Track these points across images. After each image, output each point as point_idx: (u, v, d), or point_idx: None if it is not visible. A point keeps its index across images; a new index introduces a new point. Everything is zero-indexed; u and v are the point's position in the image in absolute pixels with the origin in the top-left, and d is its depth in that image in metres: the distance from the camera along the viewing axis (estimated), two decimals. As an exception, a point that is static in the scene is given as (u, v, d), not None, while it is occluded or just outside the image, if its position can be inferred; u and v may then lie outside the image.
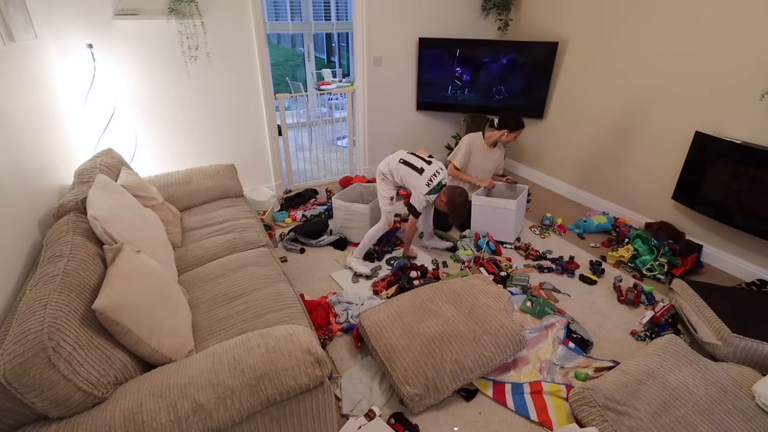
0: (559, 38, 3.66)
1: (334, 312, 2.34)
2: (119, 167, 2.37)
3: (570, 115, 3.75)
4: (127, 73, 2.95)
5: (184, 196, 2.69)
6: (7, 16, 1.96)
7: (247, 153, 3.63)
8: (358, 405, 1.81)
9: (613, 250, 2.96)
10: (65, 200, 1.85)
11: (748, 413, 1.58)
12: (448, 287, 2.25)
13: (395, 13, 3.74)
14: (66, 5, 2.64)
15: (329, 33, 12.88)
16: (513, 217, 2.95)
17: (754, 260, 2.68)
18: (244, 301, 1.81)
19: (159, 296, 1.49)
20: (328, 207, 3.56)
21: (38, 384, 1.07)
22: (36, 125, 2.08)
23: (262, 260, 2.11)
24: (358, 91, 3.95)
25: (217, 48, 3.15)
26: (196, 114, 3.29)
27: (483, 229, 3.09)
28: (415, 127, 4.37)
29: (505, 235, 3.06)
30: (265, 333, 1.42)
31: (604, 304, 2.49)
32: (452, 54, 3.93)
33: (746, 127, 2.56)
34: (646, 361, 1.78)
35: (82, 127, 2.86)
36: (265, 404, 1.28)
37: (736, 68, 2.56)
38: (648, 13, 2.97)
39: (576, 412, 1.72)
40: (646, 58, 3.04)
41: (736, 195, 2.56)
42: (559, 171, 4.00)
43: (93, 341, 1.25)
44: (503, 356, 1.90)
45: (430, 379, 1.76)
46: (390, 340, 1.91)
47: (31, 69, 2.21)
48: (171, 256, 1.99)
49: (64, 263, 1.40)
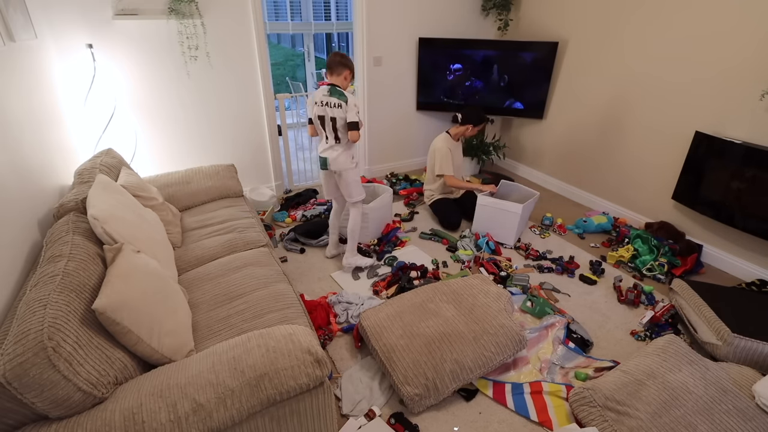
0: (559, 38, 3.66)
1: (334, 312, 2.34)
2: (119, 167, 2.37)
3: (570, 115, 3.75)
4: (127, 73, 2.95)
5: (184, 196, 2.68)
6: (7, 16, 1.97)
7: (247, 153, 3.63)
8: (358, 405, 1.81)
9: (613, 250, 2.96)
10: (65, 200, 1.85)
11: (748, 413, 1.58)
12: (448, 287, 2.25)
13: (395, 13, 3.74)
14: (66, 5, 2.64)
15: (329, 33, 12.89)
16: (518, 220, 2.95)
17: (754, 260, 2.68)
18: (244, 301, 1.81)
19: (159, 296, 1.49)
20: (328, 207, 3.56)
21: (38, 384, 1.07)
22: (36, 125, 2.08)
23: (262, 260, 2.11)
24: (358, 91, 3.95)
25: (217, 48, 3.15)
26: (196, 114, 3.29)
27: (485, 230, 3.10)
28: (415, 127, 4.37)
29: (507, 238, 3.06)
30: (265, 333, 1.42)
31: (604, 304, 2.49)
32: (452, 54, 3.93)
33: (746, 127, 2.56)
34: (646, 361, 1.78)
35: (82, 127, 2.86)
36: (265, 404, 1.28)
37: (735, 68, 2.56)
38: (648, 14, 2.97)
39: (576, 412, 1.72)
40: (646, 58, 3.04)
41: (736, 195, 2.56)
42: (559, 171, 4.00)
43: (93, 341, 1.25)
44: (503, 356, 1.90)
45: (430, 379, 1.76)
46: (390, 340, 1.91)
47: (31, 69, 2.21)
48: (171, 256, 1.99)
49: (64, 263, 1.40)
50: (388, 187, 3.23)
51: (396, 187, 3.98)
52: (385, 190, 3.22)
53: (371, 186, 3.32)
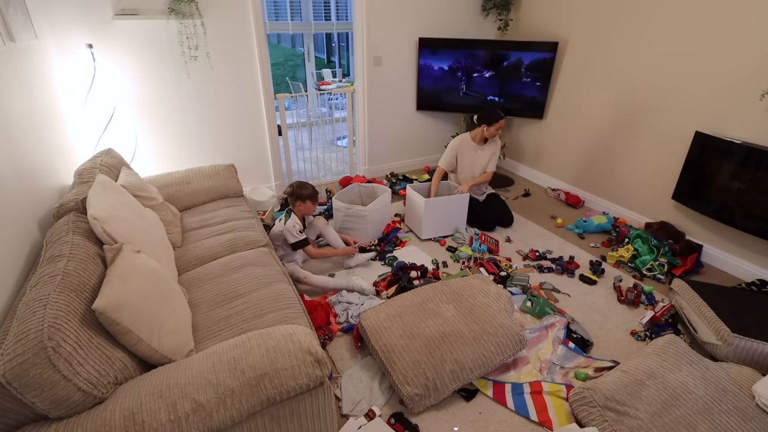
0: (559, 38, 3.66)
1: (334, 312, 2.34)
2: (119, 167, 2.37)
3: (570, 115, 3.75)
4: (127, 73, 2.95)
5: (184, 196, 2.68)
6: (7, 16, 1.97)
7: (247, 153, 3.63)
8: (358, 405, 1.81)
9: (613, 250, 2.96)
10: (65, 200, 1.85)
11: (748, 413, 1.58)
12: (448, 287, 2.25)
13: (395, 13, 3.74)
14: (66, 5, 2.64)
15: (329, 33, 12.88)
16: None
17: (754, 260, 2.68)
18: (244, 301, 1.81)
19: (159, 296, 1.49)
20: (327, 207, 3.56)
21: (38, 384, 1.07)
22: (36, 125, 2.08)
23: (262, 260, 2.11)
24: (358, 91, 3.95)
25: (217, 48, 3.15)
26: (196, 114, 3.29)
27: (431, 224, 3.11)
28: (415, 127, 4.37)
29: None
30: (265, 333, 1.42)
31: (604, 304, 2.49)
32: (452, 54, 3.93)
33: (746, 127, 2.56)
34: (646, 361, 1.78)
35: (82, 127, 2.86)
36: (265, 404, 1.28)
37: (736, 68, 2.56)
38: (648, 13, 2.97)
39: (576, 412, 1.72)
40: (646, 57, 3.04)
41: (736, 195, 2.56)
42: (559, 171, 4.00)
43: (93, 341, 1.25)
44: (503, 356, 1.90)
45: (430, 379, 1.76)
46: (390, 340, 1.91)
47: (31, 69, 2.21)
48: (171, 256, 1.99)
49: (64, 263, 1.40)
50: (387, 188, 3.23)
51: (395, 187, 3.98)
52: (384, 190, 3.22)
53: (370, 186, 3.32)
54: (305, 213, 2.62)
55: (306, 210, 2.59)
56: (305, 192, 2.54)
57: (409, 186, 3.22)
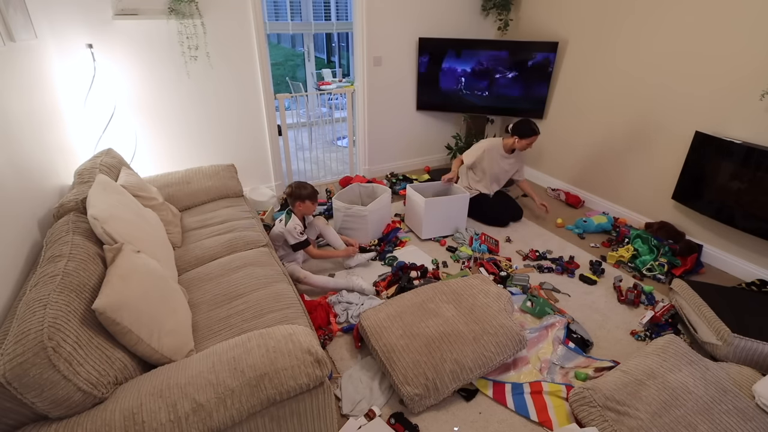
0: (559, 38, 3.66)
1: (334, 312, 2.33)
2: (119, 167, 2.37)
3: (570, 114, 3.75)
4: (127, 73, 2.95)
5: (184, 196, 2.68)
6: (7, 16, 1.97)
7: (247, 153, 3.63)
8: (358, 405, 1.81)
9: (613, 250, 2.96)
10: (65, 200, 1.85)
11: (748, 413, 1.58)
12: (448, 287, 2.25)
13: (395, 13, 3.74)
14: (66, 5, 2.64)
15: (329, 33, 12.89)
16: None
17: (754, 260, 2.68)
18: (244, 301, 1.81)
19: (159, 296, 1.49)
20: (328, 207, 3.56)
21: (38, 384, 1.07)
22: (36, 125, 2.08)
23: (262, 260, 2.11)
24: (358, 91, 3.95)
25: (217, 48, 3.15)
26: (196, 114, 3.29)
27: (431, 224, 3.11)
28: (416, 127, 4.37)
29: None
30: (265, 333, 1.42)
31: (604, 304, 2.49)
32: (452, 54, 3.93)
33: (746, 127, 2.56)
34: (646, 361, 1.78)
35: (82, 127, 2.86)
36: (265, 404, 1.28)
37: (736, 68, 2.56)
38: (648, 13, 2.97)
39: (576, 412, 1.72)
40: (647, 57, 3.04)
41: (736, 195, 2.56)
42: (559, 171, 4.00)
43: (93, 341, 1.25)
44: (503, 356, 1.90)
45: (430, 379, 1.76)
46: (390, 340, 1.91)
47: (31, 69, 2.21)
48: (171, 256, 1.99)
49: (64, 263, 1.40)
50: (387, 188, 3.23)
51: (396, 187, 3.98)
52: (384, 190, 3.22)
53: (370, 186, 3.32)
54: (305, 213, 2.62)
55: (306, 210, 2.59)
56: (305, 192, 2.54)
57: (409, 186, 3.22)
